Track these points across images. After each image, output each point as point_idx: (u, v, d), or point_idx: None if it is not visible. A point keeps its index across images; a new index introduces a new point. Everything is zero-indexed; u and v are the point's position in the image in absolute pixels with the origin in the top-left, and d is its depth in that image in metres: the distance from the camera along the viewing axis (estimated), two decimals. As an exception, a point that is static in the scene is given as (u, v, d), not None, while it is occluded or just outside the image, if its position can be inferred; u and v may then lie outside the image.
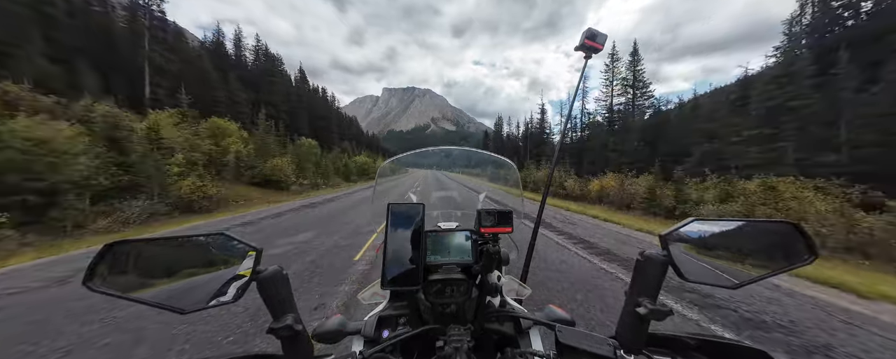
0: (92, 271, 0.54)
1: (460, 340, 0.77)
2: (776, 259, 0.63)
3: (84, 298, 4.09)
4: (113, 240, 0.58)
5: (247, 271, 0.63)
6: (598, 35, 1.25)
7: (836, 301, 4.30)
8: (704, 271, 0.65)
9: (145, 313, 3.58)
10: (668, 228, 0.69)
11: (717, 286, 0.64)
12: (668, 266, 0.65)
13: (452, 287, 0.89)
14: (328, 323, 0.86)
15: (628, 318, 0.68)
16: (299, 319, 0.65)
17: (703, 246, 0.67)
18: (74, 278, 5.14)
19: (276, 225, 9.97)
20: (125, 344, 3.09)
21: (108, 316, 3.68)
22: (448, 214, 1.39)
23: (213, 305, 0.60)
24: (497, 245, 0.89)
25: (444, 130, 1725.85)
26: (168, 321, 3.40)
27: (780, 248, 0.64)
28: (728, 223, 0.67)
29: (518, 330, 0.92)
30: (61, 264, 6.08)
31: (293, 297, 0.67)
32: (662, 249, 0.66)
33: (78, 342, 3.14)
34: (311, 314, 3.67)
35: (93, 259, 0.55)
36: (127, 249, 0.59)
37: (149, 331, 3.30)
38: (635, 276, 0.69)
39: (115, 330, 3.37)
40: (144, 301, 0.56)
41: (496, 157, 1.56)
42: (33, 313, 3.85)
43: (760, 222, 0.68)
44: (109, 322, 3.55)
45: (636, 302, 0.66)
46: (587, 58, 1.35)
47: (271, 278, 0.64)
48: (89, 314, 3.73)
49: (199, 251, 0.65)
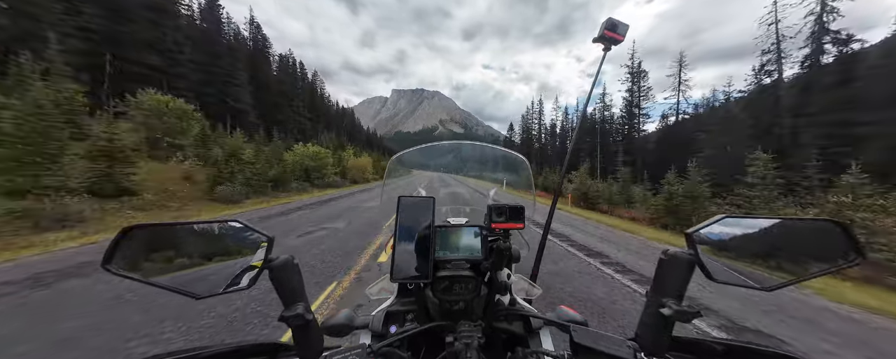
0: (111, 253, 0.54)
1: (471, 336, 0.75)
2: (816, 260, 0.58)
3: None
4: (130, 224, 0.59)
5: (259, 259, 0.64)
6: (619, 25, 1.18)
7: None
8: (734, 272, 0.61)
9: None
10: (695, 225, 0.65)
11: (749, 288, 0.60)
12: (695, 265, 0.62)
13: (461, 284, 0.87)
14: (336, 317, 0.87)
15: (650, 319, 0.65)
16: (309, 308, 0.66)
17: (732, 245, 0.63)
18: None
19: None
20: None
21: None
22: (458, 210, 1.37)
23: (227, 291, 0.61)
24: (508, 242, 0.87)
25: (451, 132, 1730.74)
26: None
27: (820, 248, 0.59)
28: (761, 221, 0.62)
29: (528, 330, 0.90)
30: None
31: (304, 286, 0.68)
32: (689, 248, 0.63)
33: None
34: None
35: (111, 243, 0.54)
36: (143, 233, 0.59)
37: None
38: (658, 275, 0.66)
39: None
40: (160, 285, 0.56)
41: (508, 152, 1.54)
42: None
43: (798, 220, 0.63)
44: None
45: (660, 303, 0.62)
46: (606, 50, 1.27)
47: (283, 266, 0.65)
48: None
49: (214, 238, 0.66)
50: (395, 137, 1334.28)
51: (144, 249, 0.59)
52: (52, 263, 5.27)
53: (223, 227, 0.66)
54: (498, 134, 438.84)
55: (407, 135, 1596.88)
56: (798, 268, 0.59)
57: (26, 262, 5.39)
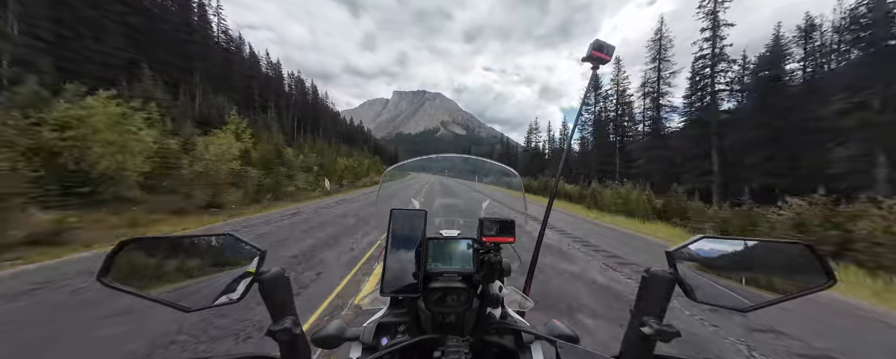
0: (107, 267, 0.55)
1: (458, 351, 0.75)
2: (791, 281, 0.60)
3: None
4: (127, 237, 0.60)
5: (252, 271, 0.64)
6: (606, 46, 1.26)
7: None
8: (713, 291, 0.63)
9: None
10: (676, 245, 0.67)
11: (728, 309, 0.61)
12: (675, 284, 0.63)
13: (453, 296, 0.87)
14: (327, 328, 0.85)
15: (633, 337, 0.66)
16: (298, 322, 0.66)
17: (712, 265, 0.65)
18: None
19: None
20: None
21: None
22: (451, 222, 1.38)
23: (219, 304, 0.61)
24: (498, 255, 0.88)
25: (453, 133, 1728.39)
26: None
27: (792, 269, 0.61)
28: (738, 242, 0.64)
29: (519, 344, 0.90)
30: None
31: (293, 299, 0.68)
32: (669, 267, 0.65)
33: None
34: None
35: (107, 256, 0.55)
36: (139, 246, 0.60)
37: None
38: (640, 293, 0.67)
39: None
40: (153, 298, 0.57)
41: (499, 165, 1.57)
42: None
43: (772, 242, 0.65)
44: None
45: (642, 321, 0.64)
46: (594, 68, 1.35)
47: (273, 280, 0.65)
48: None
49: (207, 251, 0.67)
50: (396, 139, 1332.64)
51: (140, 262, 0.60)
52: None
53: (217, 239, 0.67)
54: (500, 135, 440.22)
55: (408, 137, 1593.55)
56: (774, 289, 0.61)
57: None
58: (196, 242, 0.67)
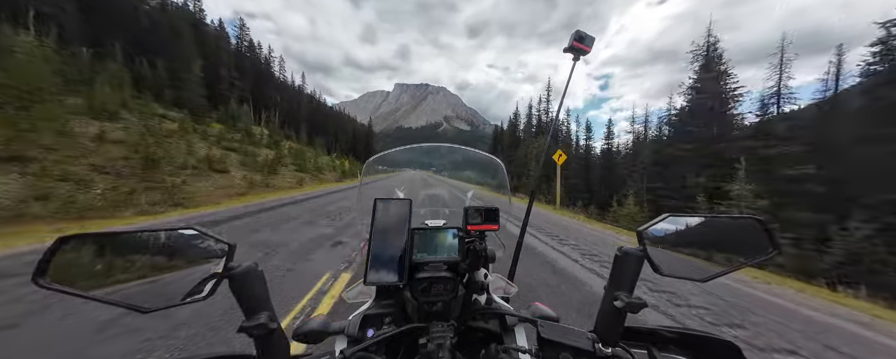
0: (42, 268, 0.49)
1: (443, 336, 0.76)
2: (741, 253, 0.64)
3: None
4: (66, 234, 0.54)
5: (219, 267, 0.60)
6: (586, 37, 1.30)
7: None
8: (677, 265, 0.67)
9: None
10: (644, 224, 0.71)
11: (688, 279, 0.66)
12: (644, 261, 0.68)
13: (439, 285, 0.88)
14: (310, 323, 0.84)
15: (606, 311, 0.70)
16: (274, 317, 0.63)
17: (676, 241, 0.69)
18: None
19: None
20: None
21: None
22: (436, 212, 1.38)
23: (181, 303, 0.57)
24: (483, 243, 0.89)
25: (457, 129, 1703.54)
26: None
27: (745, 242, 0.65)
28: (698, 218, 0.69)
29: (503, 327, 0.92)
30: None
31: (268, 295, 0.65)
32: (639, 245, 0.69)
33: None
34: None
35: (43, 254, 0.49)
36: (83, 243, 0.55)
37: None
38: (614, 271, 0.71)
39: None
40: (101, 299, 0.52)
41: (483, 154, 1.57)
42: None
43: (728, 217, 0.70)
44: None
45: (614, 296, 0.68)
46: (575, 60, 1.38)
47: (245, 274, 0.61)
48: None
49: (166, 246, 0.61)
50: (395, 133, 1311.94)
51: (84, 260, 0.55)
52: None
53: (177, 234, 0.60)
54: (503, 126, 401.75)
55: (408, 131, 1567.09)
56: (727, 260, 0.65)
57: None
58: (149, 238, 0.60)
